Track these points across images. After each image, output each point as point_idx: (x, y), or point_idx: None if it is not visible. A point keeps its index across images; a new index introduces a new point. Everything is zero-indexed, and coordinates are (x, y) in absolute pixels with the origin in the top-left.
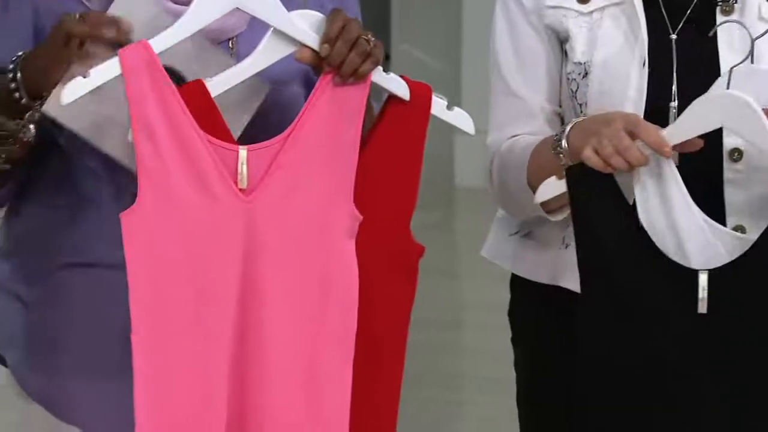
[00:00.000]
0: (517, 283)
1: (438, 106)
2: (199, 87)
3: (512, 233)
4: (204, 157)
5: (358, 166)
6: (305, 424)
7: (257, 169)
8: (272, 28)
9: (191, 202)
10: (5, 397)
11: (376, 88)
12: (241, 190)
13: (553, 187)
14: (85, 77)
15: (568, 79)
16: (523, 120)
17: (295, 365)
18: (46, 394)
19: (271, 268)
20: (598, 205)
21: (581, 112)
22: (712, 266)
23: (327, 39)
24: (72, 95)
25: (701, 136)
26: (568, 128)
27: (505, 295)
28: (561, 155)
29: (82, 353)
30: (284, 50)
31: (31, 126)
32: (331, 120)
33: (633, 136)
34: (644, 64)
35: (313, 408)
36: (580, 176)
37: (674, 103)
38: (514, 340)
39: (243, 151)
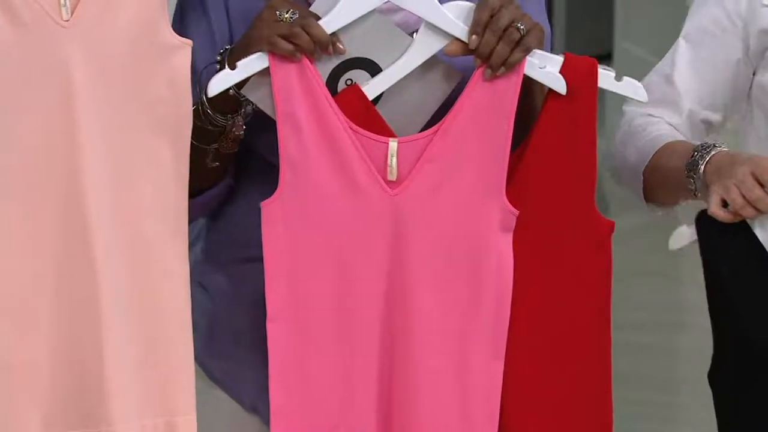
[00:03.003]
0: None
1: (606, 78)
2: (355, 91)
3: None
4: (349, 148)
5: (529, 147)
6: (456, 418)
7: (408, 162)
8: (424, 22)
9: (334, 194)
10: None
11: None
12: (390, 182)
13: (687, 235)
14: (232, 69)
15: None
16: (664, 108)
17: (444, 360)
18: (230, 381)
19: (419, 262)
20: (729, 253)
21: None
22: None
23: (475, 30)
24: (218, 87)
25: None
26: (708, 156)
27: None
28: (692, 179)
29: (263, 344)
30: (438, 44)
31: (240, 120)
32: (483, 113)
33: (760, 182)
34: None
35: (463, 403)
36: (711, 226)
37: None
38: None
39: (393, 143)
